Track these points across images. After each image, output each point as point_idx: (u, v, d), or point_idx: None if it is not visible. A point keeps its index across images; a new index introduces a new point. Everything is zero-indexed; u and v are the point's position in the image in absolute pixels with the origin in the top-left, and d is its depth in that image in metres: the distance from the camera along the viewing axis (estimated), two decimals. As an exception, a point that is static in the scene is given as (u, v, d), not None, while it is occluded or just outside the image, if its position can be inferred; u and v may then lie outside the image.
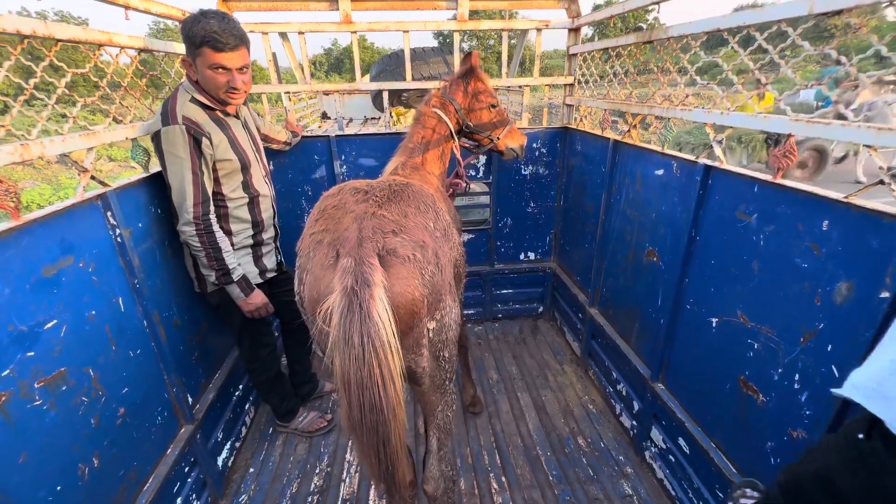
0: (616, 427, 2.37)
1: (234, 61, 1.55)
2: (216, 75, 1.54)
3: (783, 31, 1.22)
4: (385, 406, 0.99)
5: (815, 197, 1.18)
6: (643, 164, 2.02)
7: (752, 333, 1.42)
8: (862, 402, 0.71)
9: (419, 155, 1.83)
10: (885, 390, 0.68)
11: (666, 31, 1.73)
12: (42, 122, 1.19)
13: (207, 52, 1.50)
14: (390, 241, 1.08)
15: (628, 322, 2.27)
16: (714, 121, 1.51)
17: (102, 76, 1.47)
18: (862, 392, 0.71)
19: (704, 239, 1.64)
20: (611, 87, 2.34)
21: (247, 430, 2.38)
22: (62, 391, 1.21)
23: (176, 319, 1.80)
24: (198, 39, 1.48)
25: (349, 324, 0.95)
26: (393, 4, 2.44)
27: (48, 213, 1.19)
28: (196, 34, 1.47)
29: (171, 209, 1.62)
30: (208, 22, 1.47)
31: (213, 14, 1.50)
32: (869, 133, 1.03)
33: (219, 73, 1.54)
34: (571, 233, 2.96)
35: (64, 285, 1.23)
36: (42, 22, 1.16)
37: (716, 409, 1.63)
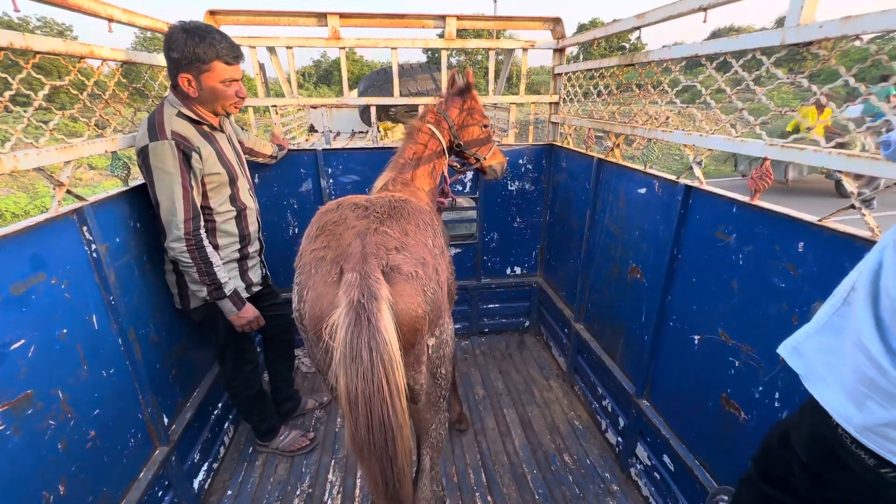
0: (602, 443, 2.36)
1: (239, 73, 1.63)
2: (227, 88, 1.59)
3: (758, 59, 1.27)
4: (393, 423, 0.97)
5: (790, 219, 1.22)
6: (626, 183, 2.06)
7: (733, 351, 1.44)
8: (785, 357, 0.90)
9: (410, 171, 1.84)
10: (801, 348, 0.87)
11: (647, 55, 1.79)
12: (17, 134, 1.16)
13: (220, 66, 1.54)
14: (394, 258, 1.08)
15: (613, 338, 2.28)
16: (694, 143, 1.55)
17: (83, 88, 1.44)
18: (785, 349, 0.90)
19: (686, 257, 1.66)
20: (594, 105, 2.39)
21: (225, 450, 2.31)
22: (27, 415, 1.15)
23: (153, 336, 1.74)
24: (209, 56, 1.50)
25: (357, 338, 0.93)
26: (381, 22, 2.47)
27: (19, 228, 1.15)
28: (206, 52, 1.49)
29: (152, 224, 1.59)
30: (214, 38, 1.50)
31: (213, 30, 1.52)
32: (839, 159, 1.07)
33: (229, 86, 1.59)
34: (557, 248, 2.99)
35: (33, 303, 1.18)
36: (20, 34, 1.14)
37: (700, 427, 1.64)
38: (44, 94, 1.25)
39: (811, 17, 1.10)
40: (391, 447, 1.01)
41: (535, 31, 2.67)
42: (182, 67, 1.51)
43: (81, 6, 1.38)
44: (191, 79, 1.53)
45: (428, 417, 1.36)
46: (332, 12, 2.37)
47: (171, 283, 1.80)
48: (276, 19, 2.37)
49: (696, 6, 1.46)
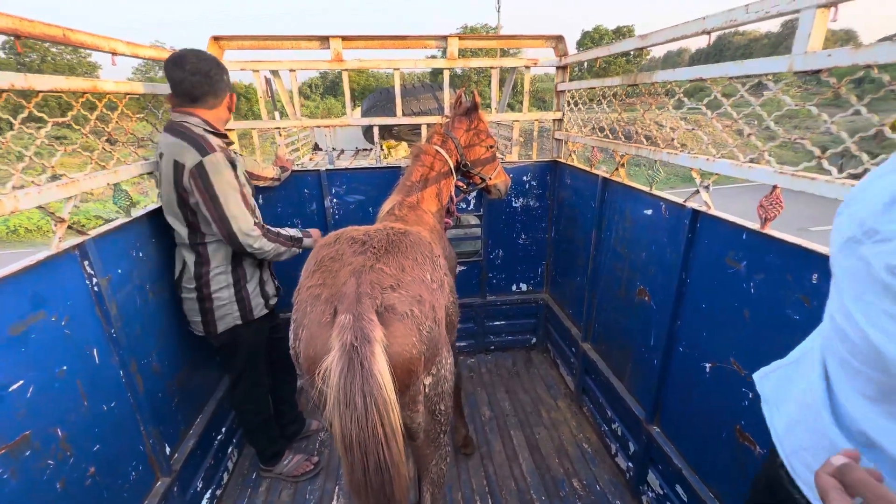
0: (612, 468, 2.30)
1: None
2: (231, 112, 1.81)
3: (765, 83, 1.24)
4: (389, 464, 0.96)
5: (802, 249, 1.18)
6: (632, 203, 2.02)
7: (747, 383, 1.39)
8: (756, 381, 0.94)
9: (417, 193, 1.83)
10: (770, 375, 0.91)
11: (651, 76, 1.76)
12: (17, 173, 1.16)
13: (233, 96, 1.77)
14: (388, 297, 1.05)
15: (622, 360, 2.23)
16: (700, 166, 1.52)
17: (86, 122, 1.45)
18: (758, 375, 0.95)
19: (695, 282, 1.62)
20: (597, 114, 2.36)
21: (229, 476, 2.28)
22: (25, 456, 1.14)
23: (155, 365, 1.73)
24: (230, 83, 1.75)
25: (351, 384, 0.91)
26: (383, 43, 2.47)
27: (20, 268, 1.15)
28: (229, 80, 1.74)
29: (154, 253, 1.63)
30: None
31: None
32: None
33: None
34: (563, 265, 2.95)
35: (32, 342, 1.18)
36: (22, 75, 1.15)
37: (713, 458, 1.58)
38: (45, 131, 1.25)
39: (819, 44, 1.07)
40: (388, 488, 1.00)
41: (538, 48, 2.66)
42: (230, 88, 1.74)
43: (84, 42, 1.40)
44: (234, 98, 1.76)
45: (428, 453, 1.33)
46: (335, 35, 2.38)
47: (192, 310, 1.80)
48: (280, 43, 2.39)
49: (699, 29, 1.43)
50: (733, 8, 1.29)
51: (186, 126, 1.60)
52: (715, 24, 1.36)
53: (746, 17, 1.25)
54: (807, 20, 1.07)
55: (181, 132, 1.58)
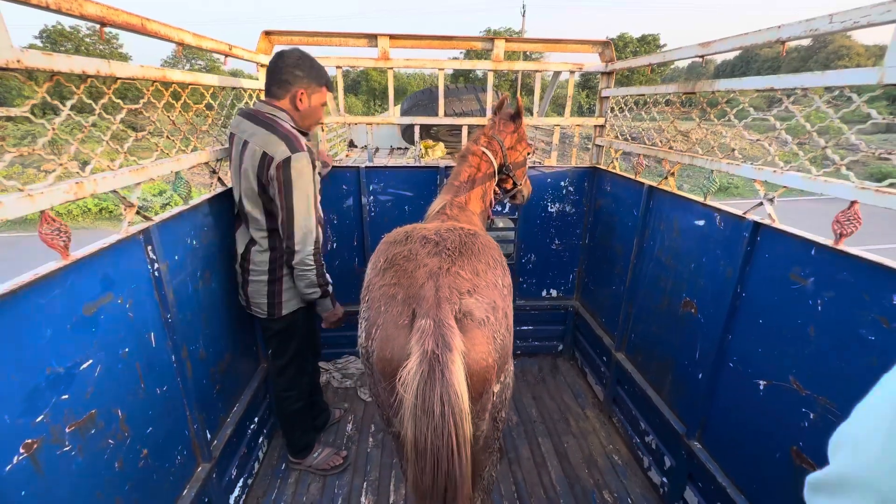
0: (644, 482, 2.26)
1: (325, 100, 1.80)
2: (321, 111, 1.79)
3: (847, 96, 1.20)
4: (458, 473, 0.96)
5: (883, 268, 1.13)
6: (681, 213, 1.98)
7: (808, 402, 1.35)
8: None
9: (465, 193, 1.83)
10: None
11: (712, 84, 1.73)
12: (97, 158, 1.19)
13: (325, 91, 1.76)
14: (466, 303, 1.05)
15: (660, 372, 2.19)
16: (766, 178, 1.48)
17: (155, 109, 1.48)
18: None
19: (751, 296, 1.58)
20: (646, 122, 2.33)
21: (259, 465, 2.30)
22: (91, 434, 1.16)
23: (202, 352, 1.76)
24: (324, 80, 1.73)
25: (430, 392, 0.91)
26: (430, 43, 2.48)
27: (94, 250, 1.17)
28: (323, 75, 1.73)
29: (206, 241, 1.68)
30: (322, 67, 1.73)
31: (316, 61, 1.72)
32: (949, 209, 0.99)
33: (322, 109, 1.79)
34: (597, 273, 2.91)
35: (101, 323, 1.20)
36: (105, 62, 1.18)
37: (763, 478, 1.54)
38: (121, 117, 1.28)
39: (915, 56, 1.04)
40: (452, 494, 1.00)
41: (584, 53, 2.64)
42: (300, 84, 1.68)
43: (158, 32, 1.43)
44: (304, 95, 1.70)
45: (482, 459, 1.32)
46: (383, 34, 2.40)
47: (259, 292, 1.85)
48: (329, 40, 2.41)
49: (773, 38, 1.40)
50: (814, 17, 1.26)
51: (276, 120, 1.66)
52: (792, 34, 1.33)
53: (829, 26, 1.22)
54: (903, 31, 1.04)
55: (271, 125, 1.63)
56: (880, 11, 1.08)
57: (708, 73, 53.22)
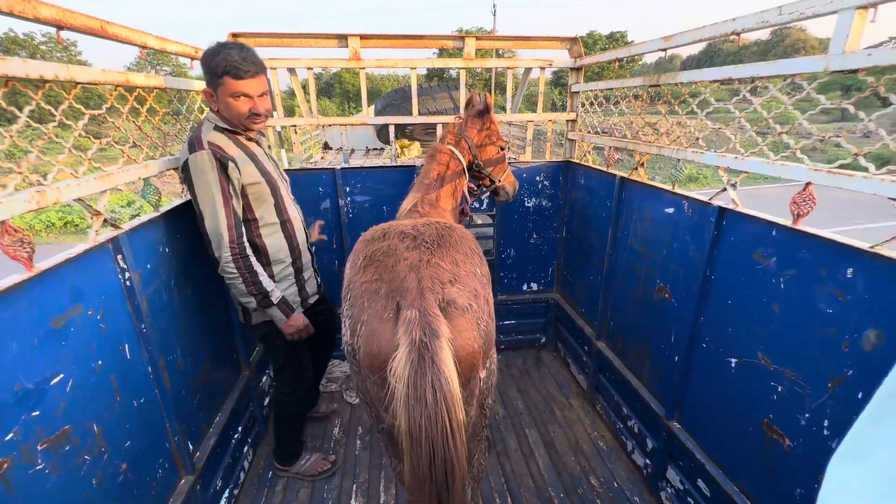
0: (628, 465, 2.32)
1: (254, 88, 1.56)
2: (238, 103, 1.56)
3: (798, 84, 1.27)
4: (455, 458, 0.98)
5: (837, 245, 1.20)
6: (652, 202, 2.05)
7: (776, 376, 1.42)
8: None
9: (435, 191, 1.84)
10: None
11: (675, 76, 1.79)
12: (58, 166, 1.15)
13: (228, 80, 1.51)
14: (449, 292, 1.06)
15: (639, 357, 2.26)
16: (728, 165, 1.55)
17: (119, 115, 1.44)
18: None
19: (720, 279, 1.65)
20: (616, 116, 2.40)
21: (245, 475, 2.26)
22: (65, 451, 1.12)
23: (180, 362, 1.72)
24: (219, 70, 1.50)
25: (421, 380, 0.92)
26: (401, 43, 2.48)
27: (60, 261, 1.14)
28: (217, 65, 1.49)
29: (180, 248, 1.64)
30: (228, 52, 1.49)
31: (231, 45, 1.51)
32: (892, 186, 1.06)
33: (240, 101, 1.56)
34: (574, 264, 2.97)
35: (72, 336, 1.16)
36: (64, 66, 1.14)
37: (738, 452, 1.61)
38: (83, 123, 1.24)
39: (856, 44, 1.10)
40: (450, 480, 1.02)
41: (553, 49, 2.69)
42: (207, 82, 1.56)
43: (119, 35, 1.39)
44: (211, 93, 1.57)
45: (471, 448, 1.34)
46: (353, 34, 2.39)
47: (235, 299, 1.80)
48: (298, 41, 2.39)
49: (729, 31, 1.46)
50: (766, 9, 1.32)
51: (201, 123, 1.61)
52: (746, 25, 1.39)
53: (779, 18, 1.28)
54: (845, 21, 1.10)
55: (194, 130, 1.59)
56: (823, 3, 1.15)
57: (674, 68, 54.72)
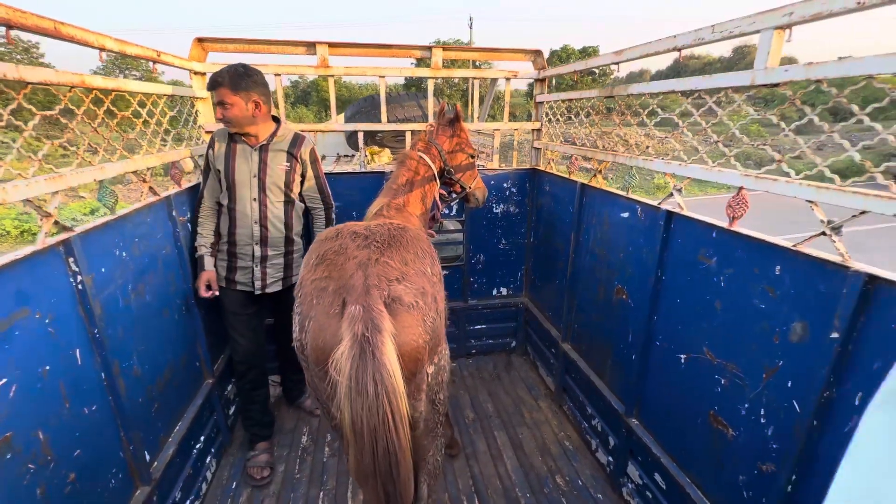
0: (593, 463, 2.38)
1: (218, 97, 1.88)
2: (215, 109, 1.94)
3: (730, 96, 1.38)
4: (397, 450, 1.00)
5: (766, 244, 1.30)
6: (610, 207, 2.14)
7: (719, 369, 1.51)
8: None
9: (403, 196, 1.88)
10: None
11: (626, 89, 1.90)
12: (5, 166, 1.13)
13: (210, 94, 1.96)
14: (395, 289, 1.09)
15: (601, 357, 2.33)
16: (673, 171, 1.65)
17: (73, 117, 1.42)
18: None
19: (670, 279, 1.74)
20: (576, 129, 2.50)
21: (207, 486, 2.20)
22: (6, 459, 1.08)
23: (136, 369, 1.68)
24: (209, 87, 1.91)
25: (362, 372, 0.95)
26: (369, 51, 2.53)
27: (4, 262, 1.11)
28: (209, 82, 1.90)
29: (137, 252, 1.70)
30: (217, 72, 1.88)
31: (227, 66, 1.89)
32: (809, 190, 1.16)
33: (216, 108, 1.92)
34: (542, 269, 3.05)
35: (17, 340, 1.13)
36: (13, 66, 1.12)
37: (690, 444, 1.69)
38: (34, 123, 1.22)
39: (776, 62, 1.21)
40: (395, 472, 1.05)
41: (518, 61, 2.79)
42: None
43: (74, 36, 1.37)
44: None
45: (425, 444, 1.36)
46: (321, 41, 2.42)
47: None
48: (266, 47, 2.40)
49: (670, 46, 1.57)
50: (700, 28, 1.43)
51: None
52: (684, 42, 1.50)
53: (712, 36, 1.39)
54: (766, 40, 1.21)
55: None
56: (748, 23, 1.25)
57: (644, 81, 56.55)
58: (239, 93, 1.86)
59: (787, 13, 1.13)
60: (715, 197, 12.64)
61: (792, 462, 1.23)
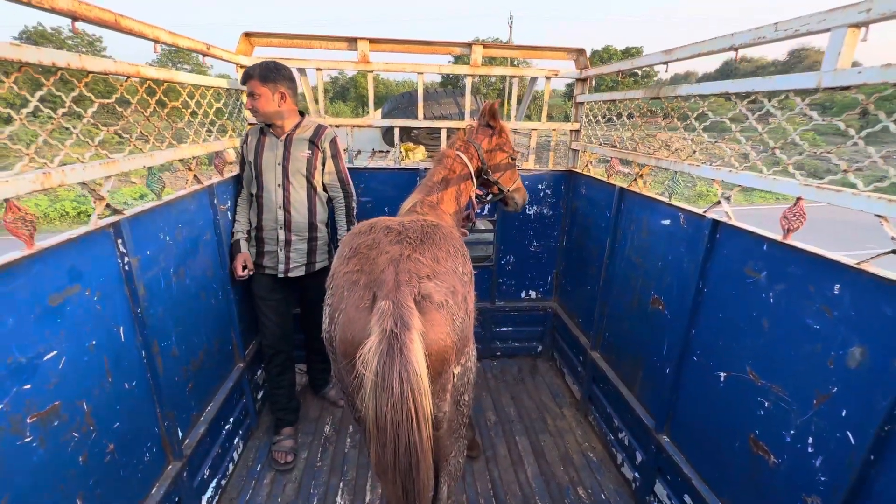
0: (617, 478, 2.30)
1: (249, 88, 2.01)
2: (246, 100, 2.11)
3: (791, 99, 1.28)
4: (419, 448, 1.00)
5: (825, 260, 1.20)
6: (649, 213, 2.05)
7: (763, 391, 1.41)
8: None
9: (437, 193, 1.87)
10: None
11: (674, 90, 1.81)
12: (66, 150, 1.19)
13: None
14: (425, 286, 1.09)
15: (632, 369, 2.24)
16: (723, 178, 1.55)
17: (128, 105, 1.49)
18: None
19: (712, 291, 1.65)
20: (618, 131, 2.42)
21: (234, 466, 2.28)
22: (54, 426, 1.15)
23: (174, 349, 1.75)
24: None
25: (389, 368, 0.95)
26: (409, 48, 2.53)
27: (60, 241, 1.18)
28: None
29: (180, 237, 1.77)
30: None
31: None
32: (879, 203, 1.06)
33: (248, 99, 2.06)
34: (573, 273, 2.97)
35: (68, 314, 1.20)
36: (76, 55, 1.19)
37: (725, 467, 1.59)
38: (92, 111, 1.29)
39: (848, 62, 1.11)
40: (415, 470, 1.04)
41: (559, 60, 2.72)
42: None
43: (132, 29, 1.44)
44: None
45: (448, 444, 1.34)
46: (363, 37, 2.44)
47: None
48: (309, 42, 2.45)
49: (727, 45, 1.48)
50: (761, 26, 1.34)
51: None
52: (743, 41, 1.41)
53: (775, 34, 1.30)
54: (837, 39, 1.11)
55: None
56: (817, 20, 1.16)
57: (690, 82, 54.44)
58: (267, 84, 1.99)
59: (865, 9, 1.04)
60: (759, 207, 11.97)
61: (842, 498, 1.13)
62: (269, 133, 2.15)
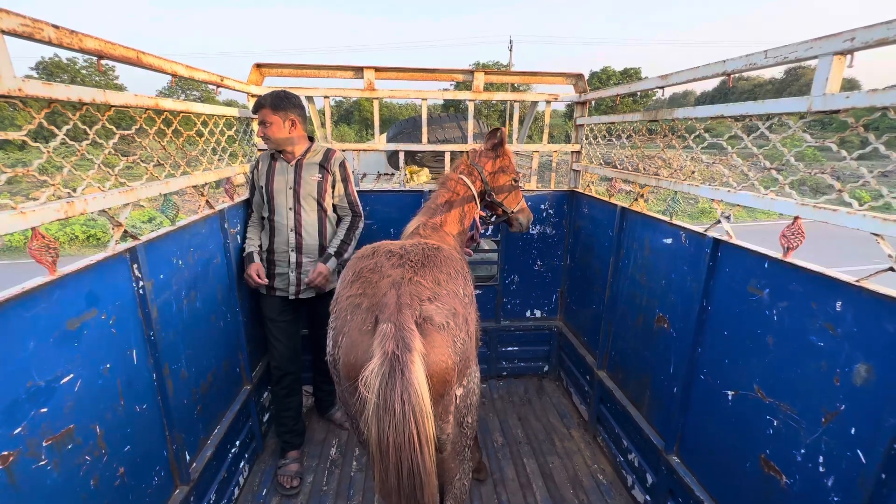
0: (628, 501, 2.26)
1: (261, 117, 2.09)
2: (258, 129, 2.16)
3: (785, 122, 1.32)
4: (422, 472, 1.00)
5: (826, 278, 1.22)
6: (651, 232, 2.08)
7: (771, 410, 1.41)
8: None
9: (440, 215, 1.91)
10: None
11: (671, 113, 1.86)
12: (88, 180, 1.25)
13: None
14: (426, 309, 1.11)
15: (639, 388, 2.23)
16: (722, 198, 1.59)
17: (146, 135, 1.56)
18: None
19: (717, 309, 1.66)
20: (617, 149, 2.47)
21: (239, 491, 2.26)
22: (67, 450, 1.17)
23: (184, 372, 1.77)
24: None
25: (390, 391, 0.96)
26: (413, 75, 2.63)
27: (80, 266, 1.22)
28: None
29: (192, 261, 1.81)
30: None
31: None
32: (874, 222, 1.09)
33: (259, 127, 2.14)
34: (578, 292, 2.98)
35: (85, 338, 1.23)
36: (101, 90, 1.26)
37: (737, 489, 1.57)
38: (113, 142, 1.35)
39: (836, 87, 1.16)
40: (419, 493, 1.04)
41: (558, 85, 2.81)
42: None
43: (152, 64, 1.52)
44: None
45: (453, 467, 1.34)
46: (369, 66, 2.54)
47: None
48: (317, 72, 2.55)
49: (719, 71, 1.54)
50: (752, 52, 1.40)
51: None
52: (735, 67, 1.47)
53: (765, 61, 1.35)
54: (824, 65, 1.16)
55: None
56: (805, 48, 1.21)
57: (688, 103, 55.35)
58: (278, 112, 2.07)
59: (849, 38, 1.09)
60: (763, 223, 11.98)
61: (856, 518, 1.12)
62: (280, 158, 2.22)
